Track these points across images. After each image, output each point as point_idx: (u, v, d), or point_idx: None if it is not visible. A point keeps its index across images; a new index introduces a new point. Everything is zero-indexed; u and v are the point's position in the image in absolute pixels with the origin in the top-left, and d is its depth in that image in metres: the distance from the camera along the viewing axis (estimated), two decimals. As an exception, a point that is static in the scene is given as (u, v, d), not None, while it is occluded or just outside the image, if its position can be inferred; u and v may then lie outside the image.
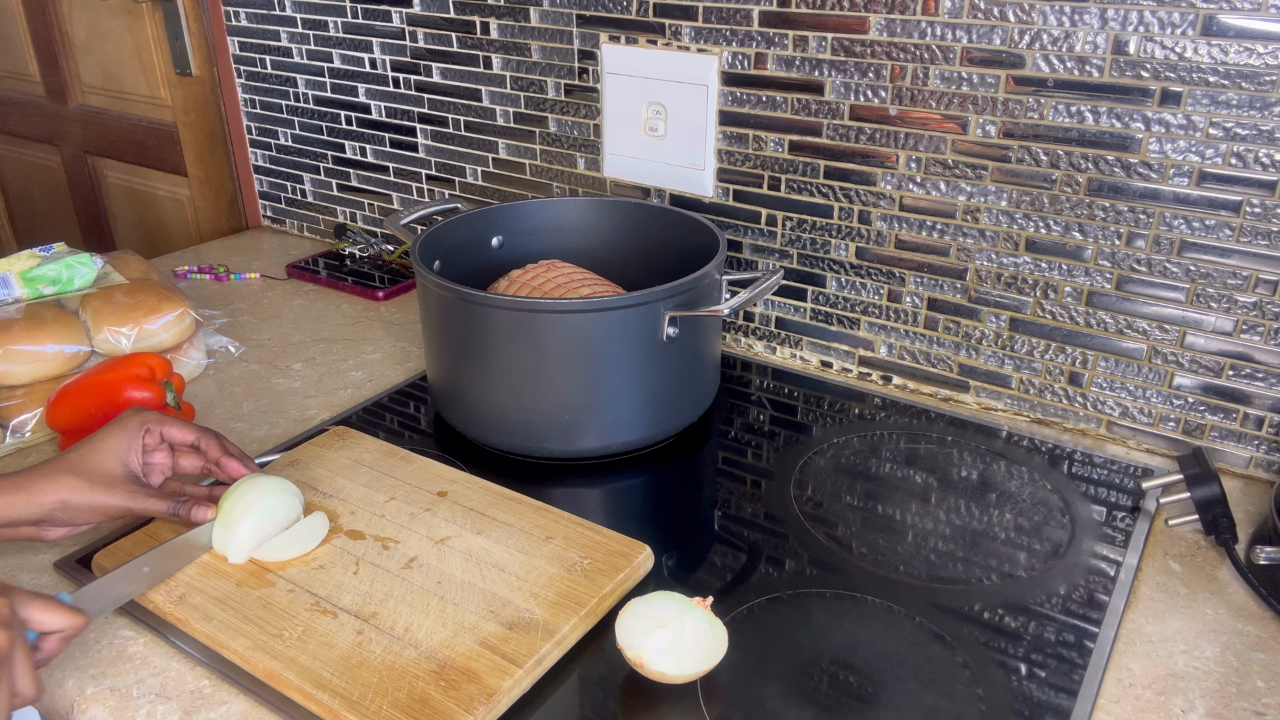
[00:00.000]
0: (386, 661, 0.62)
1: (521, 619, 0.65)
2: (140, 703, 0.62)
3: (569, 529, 0.74)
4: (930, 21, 0.86)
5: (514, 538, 0.73)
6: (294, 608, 0.67)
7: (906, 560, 0.75)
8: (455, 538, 0.74)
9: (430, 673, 0.61)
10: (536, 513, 0.76)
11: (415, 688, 0.60)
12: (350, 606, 0.67)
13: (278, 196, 1.50)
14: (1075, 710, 0.61)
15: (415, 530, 0.74)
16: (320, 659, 0.62)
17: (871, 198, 0.96)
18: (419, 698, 0.59)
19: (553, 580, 0.69)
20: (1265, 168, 0.77)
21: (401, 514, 0.76)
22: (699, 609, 0.62)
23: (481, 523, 0.75)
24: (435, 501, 0.78)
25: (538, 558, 0.71)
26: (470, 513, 0.77)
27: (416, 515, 0.76)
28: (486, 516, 0.76)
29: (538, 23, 1.09)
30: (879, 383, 1.03)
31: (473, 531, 0.74)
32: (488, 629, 0.64)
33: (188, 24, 1.42)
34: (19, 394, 0.92)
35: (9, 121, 1.87)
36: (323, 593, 0.68)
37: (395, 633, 0.64)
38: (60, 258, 1.01)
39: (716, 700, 0.61)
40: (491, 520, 0.76)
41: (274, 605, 0.67)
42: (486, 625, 0.65)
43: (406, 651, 0.63)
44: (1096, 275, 0.87)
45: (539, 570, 0.70)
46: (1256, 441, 0.85)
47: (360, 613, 0.66)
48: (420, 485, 0.80)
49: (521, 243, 1.02)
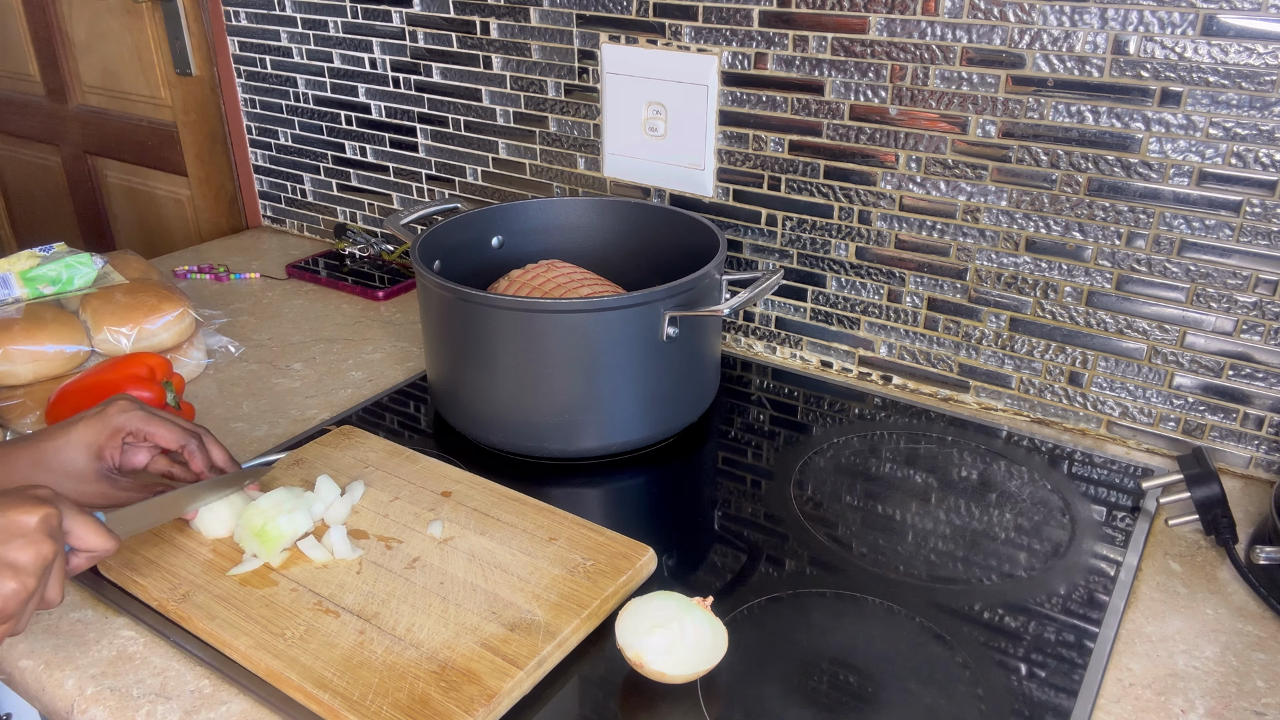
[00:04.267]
0: (388, 662, 0.62)
1: (523, 620, 0.65)
2: (140, 703, 0.62)
3: (572, 530, 0.74)
4: (930, 21, 0.86)
5: (517, 539, 0.73)
6: (296, 607, 0.67)
7: (906, 560, 0.75)
8: (459, 538, 0.74)
9: (431, 673, 0.61)
10: (540, 514, 0.76)
11: (416, 688, 0.60)
12: (353, 606, 0.67)
13: (278, 196, 1.50)
14: (1075, 710, 0.61)
15: (418, 531, 0.74)
16: (322, 659, 0.62)
17: (871, 198, 0.96)
18: (419, 698, 0.59)
19: (555, 581, 0.69)
20: (1265, 168, 0.77)
21: (405, 514, 0.76)
22: (699, 609, 0.62)
23: (485, 523, 0.75)
24: (439, 502, 0.78)
25: (540, 559, 0.71)
26: (474, 513, 0.76)
27: (420, 515, 0.76)
28: (490, 517, 0.76)
29: (538, 23, 1.09)
30: (879, 383, 1.03)
31: (476, 532, 0.74)
32: (489, 630, 0.64)
33: (188, 24, 1.42)
34: (19, 394, 0.92)
35: (9, 121, 1.87)
36: (325, 592, 0.68)
37: (397, 633, 0.64)
38: (60, 258, 1.01)
39: (716, 700, 0.61)
40: (495, 521, 0.75)
41: (277, 604, 0.67)
42: (488, 626, 0.65)
43: (408, 652, 0.63)
44: (1096, 275, 0.87)
45: (541, 571, 0.70)
46: (1256, 441, 0.85)
47: (362, 613, 0.66)
48: (425, 485, 0.80)
49: (521, 243, 1.02)
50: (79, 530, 0.59)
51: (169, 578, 0.69)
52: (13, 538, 0.54)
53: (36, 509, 0.55)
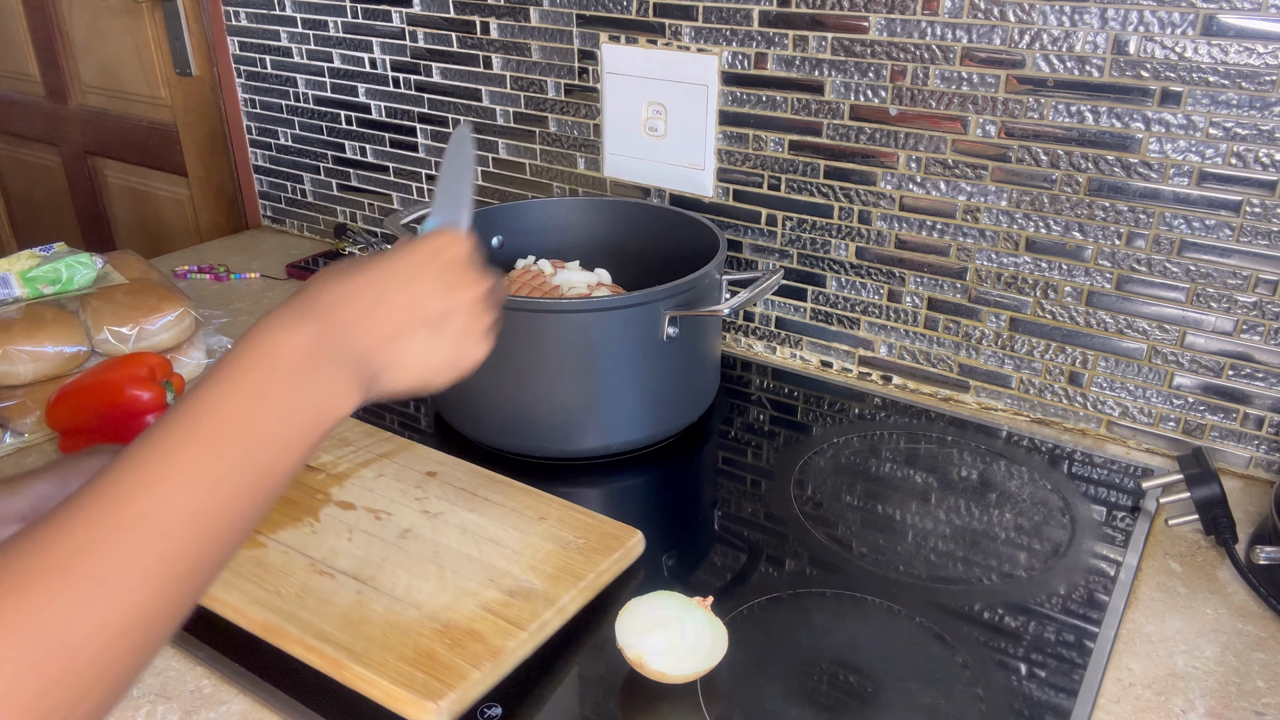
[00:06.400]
0: (389, 620, 0.62)
1: (521, 588, 0.65)
2: (140, 703, 0.62)
3: (561, 511, 0.75)
4: (930, 21, 0.86)
5: (507, 516, 0.74)
6: (290, 568, 0.66)
7: (906, 560, 0.75)
8: (448, 513, 0.74)
9: (435, 631, 0.61)
10: (527, 495, 0.77)
11: (420, 644, 0.60)
12: (348, 569, 0.66)
13: (278, 196, 1.50)
14: (1075, 710, 0.61)
15: (406, 505, 0.74)
16: (320, 614, 0.62)
17: (871, 198, 0.96)
18: (424, 653, 0.59)
19: (549, 555, 0.69)
20: (1265, 168, 0.77)
21: (392, 489, 0.77)
22: (699, 609, 0.62)
23: (473, 501, 0.75)
24: (425, 480, 0.78)
25: (532, 535, 0.71)
26: (461, 492, 0.77)
27: (407, 491, 0.76)
28: (478, 496, 0.76)
29: (538, 22, 1.09)
30: (879, 383, 1.03)
31: (465, 509, 0.74)
32: (489, 595, 0.64)
33: (188, 24, 1.42)
34: (19, 394, 0.92)
35: (9, 121, 1.88)
36: (317, 555, 0.68)
37: (395, 594, 0.64)
38: (60, 258, 1.01)
39: (716, 700, 0.61)
40: (483, 500, 0.76)
41: (268, 564, 0.66)
42: (487, 592, 0.65)
43: (409, 611, 0.62)
44: (1096, 275, 0.87)
45: (535, 546, 0.70)
46: (1256, 441, 0.85)
47: (358, 575, 0.66)
48: (408, 465, 0.80)
49: (521, 243, 1.02)
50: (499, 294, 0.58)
51: None
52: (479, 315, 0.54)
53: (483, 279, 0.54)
